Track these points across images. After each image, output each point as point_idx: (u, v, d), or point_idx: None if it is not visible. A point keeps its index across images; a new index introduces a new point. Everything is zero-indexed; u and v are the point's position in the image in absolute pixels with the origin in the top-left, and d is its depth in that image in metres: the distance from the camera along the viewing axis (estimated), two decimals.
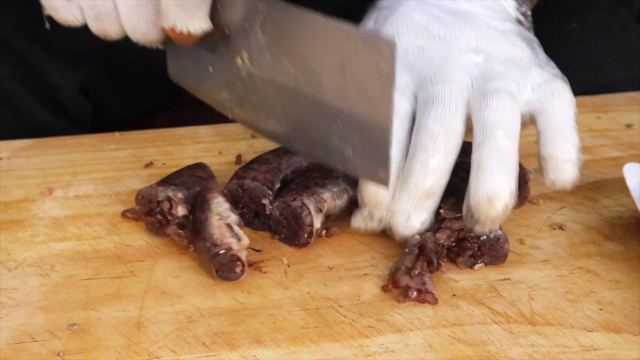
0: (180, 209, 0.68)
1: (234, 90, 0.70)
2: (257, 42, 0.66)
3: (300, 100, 0.65)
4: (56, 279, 0.66)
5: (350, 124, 0.62)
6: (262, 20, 0.65)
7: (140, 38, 0.70)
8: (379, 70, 0.58)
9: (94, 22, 0.70)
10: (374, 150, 0.61)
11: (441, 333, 0.61)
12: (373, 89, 0.59)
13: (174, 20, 0.66)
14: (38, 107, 0.99)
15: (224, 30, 0.68)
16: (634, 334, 0.61)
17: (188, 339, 0.60)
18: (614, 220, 0.75)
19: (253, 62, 0.67)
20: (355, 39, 0.59)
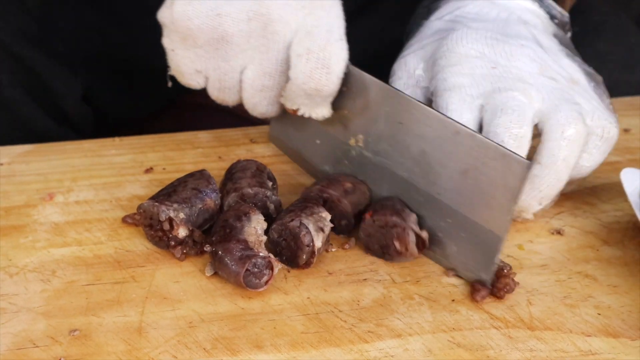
0: (182, 231, 0.68)
1: (339, 167, 0.75)
2: (376, 129, 0.71)
3: (412, 190, 0.69)
4: (57, 285, 0.66)
5: (462, 225, 0.66)
6: (389, 111, 0.69)
7: (258, 115, 0.76)
8: (506, 183, 0.62)
9: (217, 92, 0.76)
10: (481, 253, 0.65)
11: (440, 338, 0.61)
12: (495, 199, 0.63)
13: (299, 106, 0.72)
14: (40, 114, 0.99)
15: (343, 112, 0.73)
16: (632, 339, 0.62)
17: (189, 344, 0.60)
18: (612, 225, 0.76)
19: (368, 147, 0.71)
20: (486, 149, 0.63)
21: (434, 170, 0.68)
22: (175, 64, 0.75)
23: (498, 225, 0.64)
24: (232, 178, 0.74)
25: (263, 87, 0.74)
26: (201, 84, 0.76)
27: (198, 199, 0.71)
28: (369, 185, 0.74)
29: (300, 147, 0.79)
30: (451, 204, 0.67)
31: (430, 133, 0.67)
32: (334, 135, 0.75)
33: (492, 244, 0.65)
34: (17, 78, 0.97)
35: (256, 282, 0.65)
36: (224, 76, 0.74)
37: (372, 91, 0.71)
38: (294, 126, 0.78)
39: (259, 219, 0.68)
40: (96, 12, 1.06)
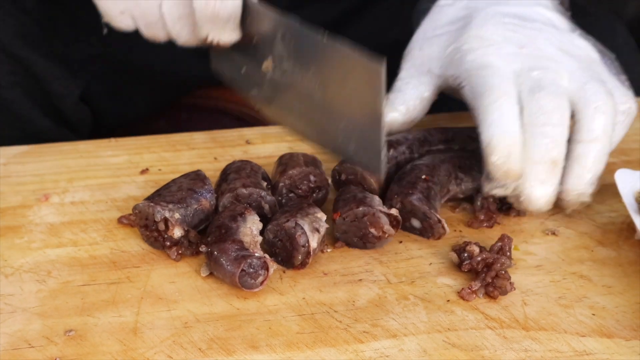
0: (177, 231, 0.68)
1: (261, 90, 0.80)
2: (279, 52, 0.76)
3: (314, 103, 0.74)
4: (53, 285, 0.66)
5: (352, 126, 0.70)
6: (282, 34, 0.74)
7: (185, 43, 0.80)
8: (370, 84, 0.67)
9: (144, 29, 0.80)
10: (370, 151, 0.69)
11: (435, 338, 0.62)
12: (367, 102, 0.68)
13: (206, 32, 0.76)
14: (38, 114, 0.99)
15: (252, 39, 0.78)
16: (627, 339, 0.62)
17: (184, 344, 0.60)
18: (607, 226, 0.76)
19: (276, 68, 0.77)
20: (349, 59, 0.68)
21: (323, 82, 0.72)
22: (103, 9, 0.79)
23: (375, 123, 0.68)
24: (226, 179, 0.74)
25: (180, 16, 0.77)
26: (130, 25, 0.80)
27: (193, 200, 0.71)
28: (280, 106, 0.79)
29: (233, 76, 0.83)
30: (341, 108, 0.71)
31: (313, 50, 0.72)
32: (251, 62, 0.79)
33: (375, 140, 0.68)
34: (15, 79, 0.97)
35: (252, 282, 0.65)
36: (145, 11, 0.78)
37: (266, 17, 0.76)
38: (226, 59, 0.83)
39: (255, 220, 0.68)
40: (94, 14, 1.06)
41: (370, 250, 0.71)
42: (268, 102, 0.80)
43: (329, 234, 0.72)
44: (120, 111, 1.15)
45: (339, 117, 0.72)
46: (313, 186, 0.75)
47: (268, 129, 0.92)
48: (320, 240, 0.69)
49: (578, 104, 0.73)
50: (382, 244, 0.71)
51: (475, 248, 0.68)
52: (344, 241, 0.72)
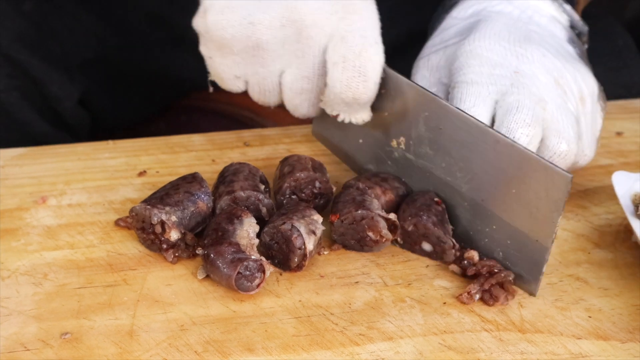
0: (174, 233, 0.68)
1: (382, 167, 0.77)
2: (417, 133, 0.72)
3: (456, 195, 0.71)
4: (49, 288, 0.66)
5: (507, 231, 0.67)
6: (428, 116, 0.70)
7: (300, 116, 0.77)
8: (549, 195, 0.63)
9: (257, 95, 0.76)
10: (527, 262, 0.66)
11: (431, 340, 0.62)
12: (539, 210, 0.64)
13: (338, 112, 0.73)
14: (36, 118, 0.99)
15: (384, 114, 0.74)
16: (622, 341, 0.62)
17: (180, 347, 0.60)
18: (604, 228, 0.76)
19: (409, 149, 0.73)
20: (529, 162, 0.64)
21: (477, 177, 0.68)
22: (214, 70, 0.76)
23: (543, 236, 0.64)
24: (224, 181, 0.74)
25: (302, 90, 0.74)
26: (242, 88, 0.77)
27: (190, 202, 0.71)
28: (411, 188, 0.75)
29: (343, 145, 0.80)
30: (495, 210, 0.68)
31: (470, 139, 0.68)
32: (376, 136, 0.76)
33: (538, 254, 0.65)
34: (13, 82, 0.97)
35: (248, 285, 0.65)
36: (262, 81, 0.75)
37: (409, 95, 0.72)
38: (335, 124, 0.78)
39: (251, 222, 0.68)
40: (92, 17, 1.06)
41: (367, 252, 0.71)
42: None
43: (326, 236, 0.72)
44: (118, 114, 1.15)
45: (491, 219, 0.68)
46: (317, 192, 0.74)
47: (266, 131, 0.92)
48: (317, 243, 0.69)
49: (545, 136, 0.71)
50: (379, 248, 0.71)
51: (474, 253, 0.68)
52: (341, 244, 0.72)
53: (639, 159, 0.87)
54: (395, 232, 0.71)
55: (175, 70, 1.16)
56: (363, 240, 0.71)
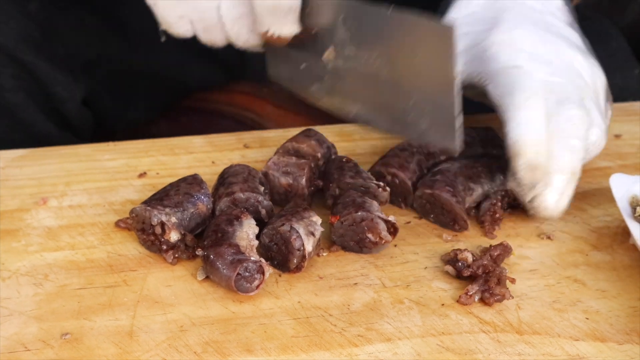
0: (173, 234, 0.69)
1: (322, 82, 0.80)
2: (340, 38, 0.76)
3: (380, 84, 0.74)
4: (49, 289, 0.67)
5: (423, 100, 0.71)
6: (344, 18, 0.75)
7: (243, 44, 0.80)
8: (440, 50, 0.67)
9: (202, 33, 0.80)
10: (443, 122, 0.69)
11: (429, 342, 0.62)
12: (438, 68, 0.68)
13: (268, 26, 0.76)
14: (41, 118, 1.00)
15: (312, 30, 0.78)
16: (620, 343, 0.62)
17: (179, 347, 0.61)
18: (602, 230, 0.76)
19: (338, 56, 0.77)
20: (419, 27, 0.68)
21: (391, 58, 0.72)
22: (160, 15, 0.80)
23: (446, 91, 0.68)
24: (224, 183, 0.74)
25: (240, 15, 0.78)
26: (188, 30, 0.81)
27: (190, 204, 0.71)
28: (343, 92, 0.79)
29: (292, 75, 0.84)
30: (410, 83, 0.71)
31: (379, 26, 0.72)
32: (311, 56, 0.80)
33: (448, 111, 0.68)
34: (18, 83, 0.97)
35: (247, 286, 0.65)
36: (203, 14, 0.78)
37: (326, 5, 0.76)
38: (284, 60, 0.83)
39: (251, 224, 0.69)
40: (97, 18, 1.07)
41: (366, 254, 0.72)
42: (330, 94, 0.80)
43: (325, 237, 0.73)
44: (121, 114, 1.15)
45: (408, 93, 0.71)
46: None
47: (266, 133, 0.93)
48: (316, 244, 0.69)
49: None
50: (378, 249, 0.72)
51: (468, 255, 0.68)
52: (341, 245, 0.72)
53: (637, 162, 0.88)
54: (394, 234, 0.71)
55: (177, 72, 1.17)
56: (362, 241, 0.71)
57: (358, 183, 0.76)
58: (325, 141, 0.82)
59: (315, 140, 0.81)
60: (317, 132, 0.82)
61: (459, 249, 0.69)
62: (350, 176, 0.76)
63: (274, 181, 0.76)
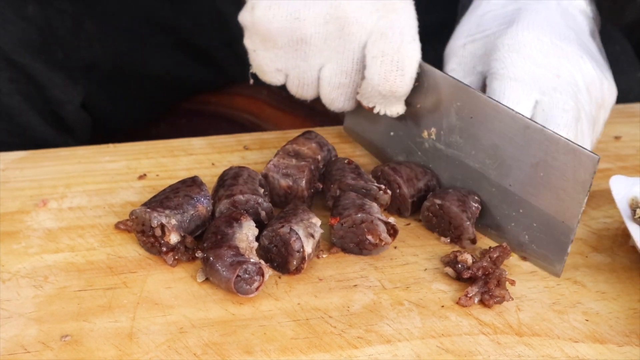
0: (173, 237, 0.69)
1: (412, 158, 0.80)
2: (448, 123, 0.75)
3: (484, 181, 0.74)
4: (49, 291, 0.67)
5: (533, 214, 0.70)
6: (460, 106, 0.74)
7: (335, 109, 0.81)
8: (576, 177, 0.66)
9: (296, 88, 0.81)
10: (552, 244, 0.69)
11: (429, 343, 0.62)
12: (565, 192, 0.67)
13: (374, 104, 0.77)
14: (39, 121, 1.00)
15: (417, 106, 0.77)
16: (619, 345, 0.62)
17: (179, 349, 0.61)
18: (602, 232, 0.76)
19: (440, 139, 0.76)
20: (557, 144, 0.67)
21: (505, 163, 0.72)
22: (257, 63, 0.79)
23: (569, 217, 0.67)
24: (224, 185, 0.74)
25: (340, 85, 0.78)
26: (281, 81, 0.81)
27: (190, 206, 0.71)
28: (439, 177, 0.78)
29: (374, 138, 0.83)
30: (522, 195, 0.71)
31: (500, 127, 0.71)
32: (407, 128, 0.79)
33: (563, 235, 0.68)
34: (16, 86, 0.97)
35: (247, 288, 0.65)
36: (302, 74, 0.79)
37: (443, 87, 0.75)
38: (367, 119, 0.82)
39: (250, 226, 0.69)
40: (95, 20, 1.07)
41: (365, 256, 0.72)
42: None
43: (325, 239, 0.73)
44: (120, 116, 1.15)
45: (518, 203, 0.71)
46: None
47: (266, 135, 0.93)
48: (315, 246, 0.69)
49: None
50: (378, 251, 0.72)
51: (468, 256, 0.68)
52: (340, 246, 0.72)
53: (637, 163, 0.88)
54: (394, 236, 0.71)
55: (177, 74, 1.17)
56: (362, 243, 0.71)
57: (359, 185, 0.76)
58: (325, 143, 0.82)
59: (315, 142, 0.81)
60: (317, 134, 0.82)
61: (458, 251, 0.69)
62: (351, 178, 0.76)
63: (273, 183, 0.76)
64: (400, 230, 0.73)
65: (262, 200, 0.73)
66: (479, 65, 0.80)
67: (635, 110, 1.00)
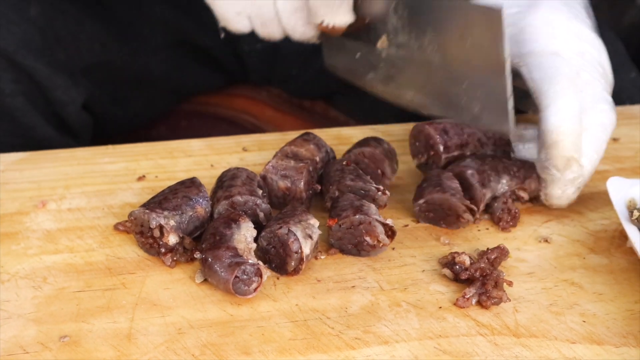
0: (172, 238, 0.69)
1: (377, 71, 0.83)
2: (392, 26, 0.79)
3: (433, 70, 0.76)
4: (48, 291, 0.67)
5: (475, 84, 0.72)
6: (395, 6, 0.77)
7: (299, 36, 0.84)
8: (490, 34, 0.68)
9: (260, 28, 0.84)
10: (496, 105, 0.70)
11: (427, 345, 0.62)
12: (489, 51, 0.69)
13: (322, 17, 0.80)
14: (41, 122, 1.00)
15: (365, 20, 0.81)
16: (616, 346, 0.62)
17: (177, 350, 0.61)
18: (599, 234, 0.76)
19: (391, 44, 0.80)
20: (468, 11, 0.70)
21: (442, 45, 0.74)
22: (219, 13, 0.84)
23: (498, 73, 0.69)
24: (222, 186, 0.74)
25: (295, 9, 0.81)
26: (246, 25, 0.84)
27: (189, 207, 0.71)
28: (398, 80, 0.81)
29: (349, 67, 0.86)
30: (462, 68, 0.73)
31: (429, 13, 0.74)
32: (365, 45, 0.82)
33: (501, 93, 0.70)
34: (19, 87, 0.98)
35: (245, 289, 0.65)
36: (260, 10, 0.82)
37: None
38: (339, 50, 0.86)
39: (249, 227, 0.69)
40: (96, 22, 1.07)
41: (363, 257, 0.72)
42: (385, 82, 0.82)
43: (323, 240, 0.73)
44: (121, 118, 1.16)
45: (460, 77, 0.73)
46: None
47: (264, 136, 0.93)
48: (314, 247, 0.69)
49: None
50: (376, 253, 0.72)
51: (465, 258, 0.69)
52: (338, 248, 0.72)
53: (635, 165, 0.88)
54: (392, 237, 0.71)
55: (177, 75, 1.17)
56: (360, 244, 0.71)
57: (358, 186, 0.76)
58: (324, 145, 0.82)
59: (313, 144, 0.81)
60: (315, 136, 0.82)
61: (456, 252, 0.70)
62: (350, 179, 0.76)
63: (272, 184, 0.77)
64: (398, 232, 0.73)
65: (261, 201, 0.73)
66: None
67: (634, 112, 1.00)
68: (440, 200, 0.74)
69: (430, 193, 0.75)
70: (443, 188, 0.75)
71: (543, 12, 0.79)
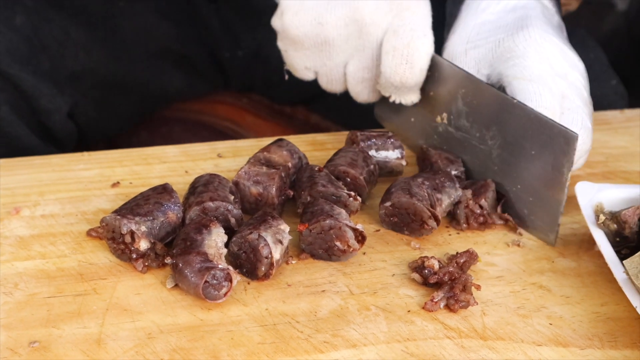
0: (143, 243, 0.69)
1: (430, 140, 0.87)
2: (456, 109, 0.82)
3: (488, 161, 0.81)
4: (19, 297, 0.67)
5: (528, 189, 0.77)
6: (464, 92, 0.81)
7: (362, 100, 0.89)
8: (562, 153, 0.73)
9: (325, 84, 0.88)
10: (547, 216, 0.75)
11: (394, 348, 0.63)
12: (553, 167, 0.74)
13: (390, 94, 0.85)
14: (25, 132, 1.00)
15: (430, 94, 0.84)
16: (582, 348, 0.63)
17: (147, 354, 0.61)
18: (568, 237, 0.77)
19: (451, 123, 0.84)
20: (540, 124, 0.74)
21: (505, 143, 0.78)
22: (289, 62, 0.88)
23: (558, 190, 0.74)
24: (194, 192, 0.75)
25: (363, 79, 0.86)
26: (311, 77, 0.88)
27: (160, 213, 0.72)
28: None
29: (399, 124, 0.90)
30: (521, 171, 0.77)
31: (496, 109, 0.78)
32: (424, 114, 0.87)
33: (554, 207, 0.74)
34: (3, 96, 0.97)
35: (215, 293, 0.66)
36: (329, 71, 0.87)
37: (450, 76, 0.82)
38: (392, 107, 0.88)
39: (219, 232, 0.69)
40: (81, 30, 1.07)
41: (334, 262, 0.72)
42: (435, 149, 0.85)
43: (295, 245, 0.73)
44: (104, 125, 1.16)
45: (516, 179, 0.78)
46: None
47: (239, 143, 0.93)
48: (284, 252, 0.70)
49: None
50: (346, 257, 0.73)
51: (434, 262, 0.69)
52: (309, 253, 0.73)
53: (605, 170, 0.89)
54: (362, 242, 0.72)
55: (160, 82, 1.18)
56: (331, 249, 0.72)
57: (329, 192, 0.77)
58: (296, 151, 0.82)
59: (286, 150, 0.82)
60: (289, 142, 0.83)
61: (425, 257, 0.70)
62: (322, 184, 0.77)
63: (244, 190, 0.77)
64: (370, 237, 0.74)
65: (232, 207, 0.73)
66: (484, 69, 0.83)
67: (607, 117, 1.01)
68: (407, 204, 0.75)
69: (397, 197, 0.75)
70: (411, 193, 0.75)
71: (532, 33, 0.81)
